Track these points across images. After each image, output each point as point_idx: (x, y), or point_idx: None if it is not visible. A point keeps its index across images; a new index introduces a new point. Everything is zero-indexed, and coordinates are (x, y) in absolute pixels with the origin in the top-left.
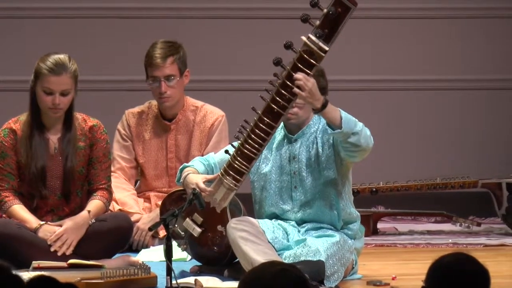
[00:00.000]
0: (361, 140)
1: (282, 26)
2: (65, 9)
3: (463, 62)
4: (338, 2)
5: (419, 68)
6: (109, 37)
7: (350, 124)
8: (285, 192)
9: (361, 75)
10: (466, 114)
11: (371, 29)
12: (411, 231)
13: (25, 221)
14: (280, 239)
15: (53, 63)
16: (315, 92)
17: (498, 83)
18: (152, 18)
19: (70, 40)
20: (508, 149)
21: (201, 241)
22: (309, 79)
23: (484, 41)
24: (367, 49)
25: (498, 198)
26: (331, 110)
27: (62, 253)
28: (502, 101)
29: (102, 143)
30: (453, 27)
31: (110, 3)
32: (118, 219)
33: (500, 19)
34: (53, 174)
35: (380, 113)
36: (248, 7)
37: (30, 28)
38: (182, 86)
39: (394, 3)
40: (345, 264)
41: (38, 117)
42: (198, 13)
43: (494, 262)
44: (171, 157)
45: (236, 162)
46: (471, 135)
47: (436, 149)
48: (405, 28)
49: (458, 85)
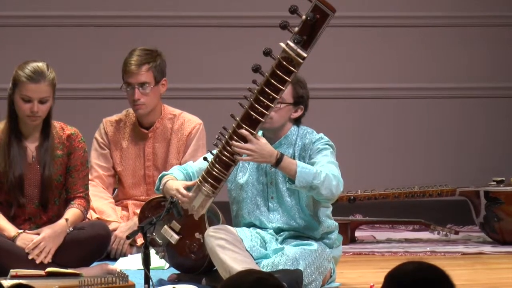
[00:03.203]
0: (322, 192)
1: (261, 33)
2: (42, 17)
3: (438, 70)
4: (317, 8)
5: (396, 77)
6: (87, 45)
7: (306, 179)
8: (261, 201)
9: (339, 83)
10: (443, 123)
11: (349, 37)
12: (389, 239)
13: (3, 230)
14: (258, 248)
15: (31, 70)
16: (263, 151)
17: (475, 92)
18: (130, 27)
19: (48, 48)
20: (486, 157)
21: (178, 249)
22: (253, 140)
23: (459, 50)
24: (342, 58)
25: (476, 206)
26: (286, 165)
27: (40, 261)
28: (478, 111)
29: (79, 151)
30: (429, 36)
31: (86, 11)
32: (95, 228)
33: (474, 27)
34: (31, 183)
35: (358, 121)
36: (226, 16)
37: (7, 36)
38: (158, 94)
39: (372, 12)
40: (323, 273)
41: (16, 125)
42: (176, 22)
43: (472, 270)
44: (149, 165)
45: (214, 169)
46: (449, 144)
47: (413, 158)
48: (380, 37)
49: (434, 94)
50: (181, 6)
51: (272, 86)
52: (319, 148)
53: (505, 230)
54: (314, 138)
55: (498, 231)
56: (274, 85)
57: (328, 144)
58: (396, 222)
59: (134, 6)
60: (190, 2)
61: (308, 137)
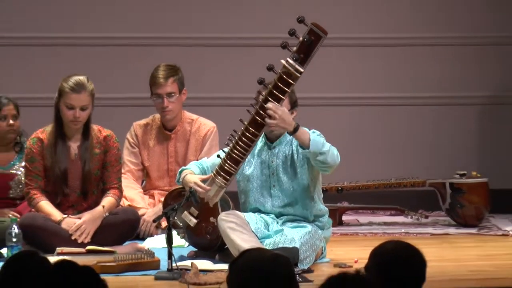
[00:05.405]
0: (328, 158)
1: (265, 52)
2: (87, 38)
3: (413, 82)
4: (312, 32)
5: (378, 87)
6: (119, 62)
7: (317, 145)
8: (265, 190)
9: (330, 93)
10: (417, 126)
11: (338, 54)
12: (370, 223)
13: (50, 215)
14: (262, 229)
15: (74, 83)
16: (286, 118)
17: (444, 100)
18: (156, 46)
19: (88, 64)
20: (451, 155)
21: (196, 231)
22: (279, 108)
23: (429, 65)
24: (332, 71)
25: (442, 195)
26: (301, 133)
27: (81, 241)
28: (446, 116)
29: (114, 150)
30: (401, 53)
31: (125, 33)
32: (127, 213)
33: (442, 46)
34: (73, 176)
35: (345, 125)
36: (236, 37)
37: (57, 54)
38: (181, 102)
39: (356, 34)
40: (316, 250)
41: (61, 128)
42: (196, 42)
43: (439, 248)
44: (171, 161)
45: (226, 164)
46: (421, 144)
47: (391, 155)
48: (360, 54)
49: (409, 102)
50: (203, 28)
51: (274, 96)
52: None
53: (467, 215)
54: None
55: (461, 216)
56: (276, 95)
57: (320, 135)
58: (376, 208)
59: (160, 28)
60: (208, 24)
61: None
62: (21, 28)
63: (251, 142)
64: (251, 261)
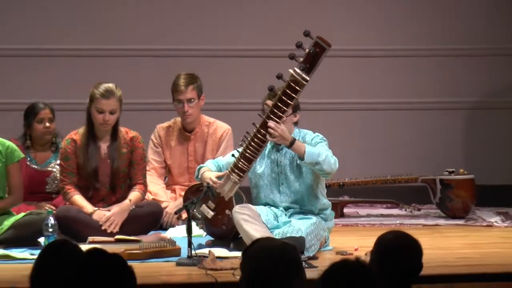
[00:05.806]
0: (324, 167)
1: (275, 62)
2: (116, 50)
3: (407, 89)
4: (317, 44)
5: (376, 93)
6: (144, 71)
7: (312, 157)
8: (274, 187)
9: (331, 98)
10: (410, 128)
11: (341, 64)
12: (369, 215)
13: (83, 207)
14: (272, 221)
15: (104, 89)
16: (284, 135)
17: (435, 105)
18: (177, 57)
19: (117, 73)
20: (441, 154)
21: (213, 222)
22: (279, 127)
23: (423, 74)
24: (332, 80)
25: (433, 190)
26: (297, 146)
27: (110, 231)
28: (437, 119)
29: (139, 149)
30: (397, 63)
31: (150, 45)
32: (151, 206)
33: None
34: (103, 173)
35: (346, 127)
36: (249, 48)
37: (91, 64)
38: (199, 107)
39: (356, 46)
40: (320, 239)
41: (92, 130)
42: (213, 53)
43: (430, 237)
44: (191, 160)
45: (240, 162)
46: (414, 144)
47: (387, 154)
48: (362, 64)
49: (404, 106)
50: (219, 40)
51: (283, 102)
52: (317, 141)
53: (455, 208)
54: (312, 135)
55: (450, 209)
56: (285, 101)
57: (323, 139)
58: (374, 201)
59: (181, 41)
60: (225, 38)
61: (308, 136)
62: (58, 41)
63: (262, 142)
64: (262, 249)
